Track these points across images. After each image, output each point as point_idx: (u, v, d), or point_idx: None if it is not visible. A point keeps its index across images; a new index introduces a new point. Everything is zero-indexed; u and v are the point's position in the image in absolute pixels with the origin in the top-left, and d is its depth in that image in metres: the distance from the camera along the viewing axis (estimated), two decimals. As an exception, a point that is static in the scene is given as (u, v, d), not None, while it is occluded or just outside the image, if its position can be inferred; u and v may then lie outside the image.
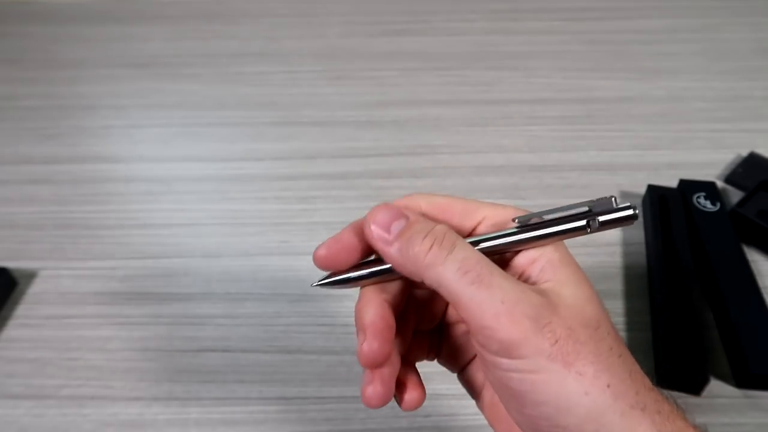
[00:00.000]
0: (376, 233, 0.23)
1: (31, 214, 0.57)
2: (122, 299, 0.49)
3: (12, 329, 0.48)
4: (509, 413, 0.22)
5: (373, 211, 0.23)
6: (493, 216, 0.24)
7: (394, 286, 0.25)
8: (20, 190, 0.60)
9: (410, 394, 0.25)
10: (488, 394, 0.26)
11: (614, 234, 0.53)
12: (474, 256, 0.21)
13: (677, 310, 0.44)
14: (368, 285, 0.24)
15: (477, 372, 0.27)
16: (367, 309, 0.24)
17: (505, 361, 0.20)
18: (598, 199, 0.22)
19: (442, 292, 0.21)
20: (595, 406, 0.19)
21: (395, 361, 0.24)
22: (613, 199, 0.22)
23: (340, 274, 0.24)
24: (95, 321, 0.48)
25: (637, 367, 0.21)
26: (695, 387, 0.41)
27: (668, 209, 0.52)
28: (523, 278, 0.23)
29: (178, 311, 0.48)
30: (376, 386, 0.23)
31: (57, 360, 0.45)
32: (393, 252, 0.22)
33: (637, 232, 0.53)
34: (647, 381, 0.21)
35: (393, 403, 0.24)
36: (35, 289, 0.50)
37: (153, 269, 0.52)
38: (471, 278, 0.21)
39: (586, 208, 0.22)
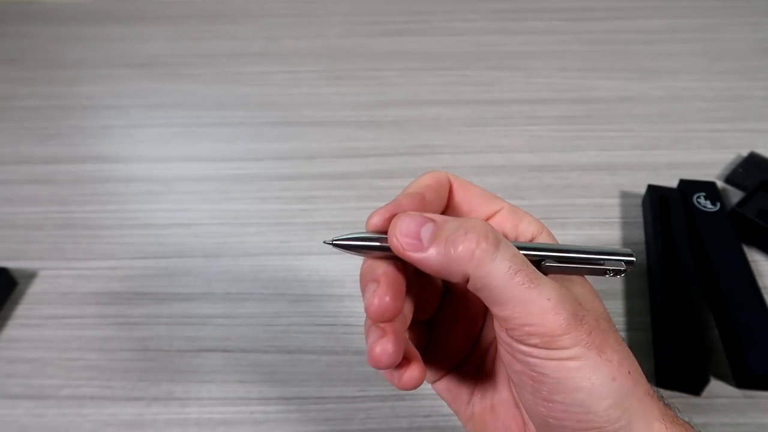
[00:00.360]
0: (405, 243, 0.21)
1: (31, 214, 0.57)
2: (122, 299, 0.49)
3: (12, 329, 0.48)
4: (532, 405, 0.22)
5: (394, 222, 0.22)
6: (510, 209, 0.25)
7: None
8: (20, 190, 0.60)
9: (411, 372, 0.22)
10: (479, 402, 0.25)
11: (614, 235, 0.53)
12: (518, 253, 0.21)
13: (677, 310, 0.44)
14: (380, 258, 0.23)
15: (467, 378, 0.26)
16: (378, 263, 0.23)
17: (543, 351, 0.20)
18: (609, 255, 0.24)
19: (484, 291, 0.21)
20: (621, 391, 0.20)
21: (403, 323, 0.23)
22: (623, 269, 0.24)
23: (360, 240, 0.22)
24: (95, 321, 0.48)
25: None
26: (695, 387, 0.41)
27: (668, 209, 0.52)
28: None
29: (178, 311, 0.48)
30: (386, 344, 0.21)
31: (57, 360, 0.45)
32: (432, 256, 0.21)
33: (637, 232, 0.53)
34: None
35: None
36: (35, 289, 0.50)
37: (153, 269, 0.52)
38: (522, 278, 0.20)
39: (602, 264, 0.24)
